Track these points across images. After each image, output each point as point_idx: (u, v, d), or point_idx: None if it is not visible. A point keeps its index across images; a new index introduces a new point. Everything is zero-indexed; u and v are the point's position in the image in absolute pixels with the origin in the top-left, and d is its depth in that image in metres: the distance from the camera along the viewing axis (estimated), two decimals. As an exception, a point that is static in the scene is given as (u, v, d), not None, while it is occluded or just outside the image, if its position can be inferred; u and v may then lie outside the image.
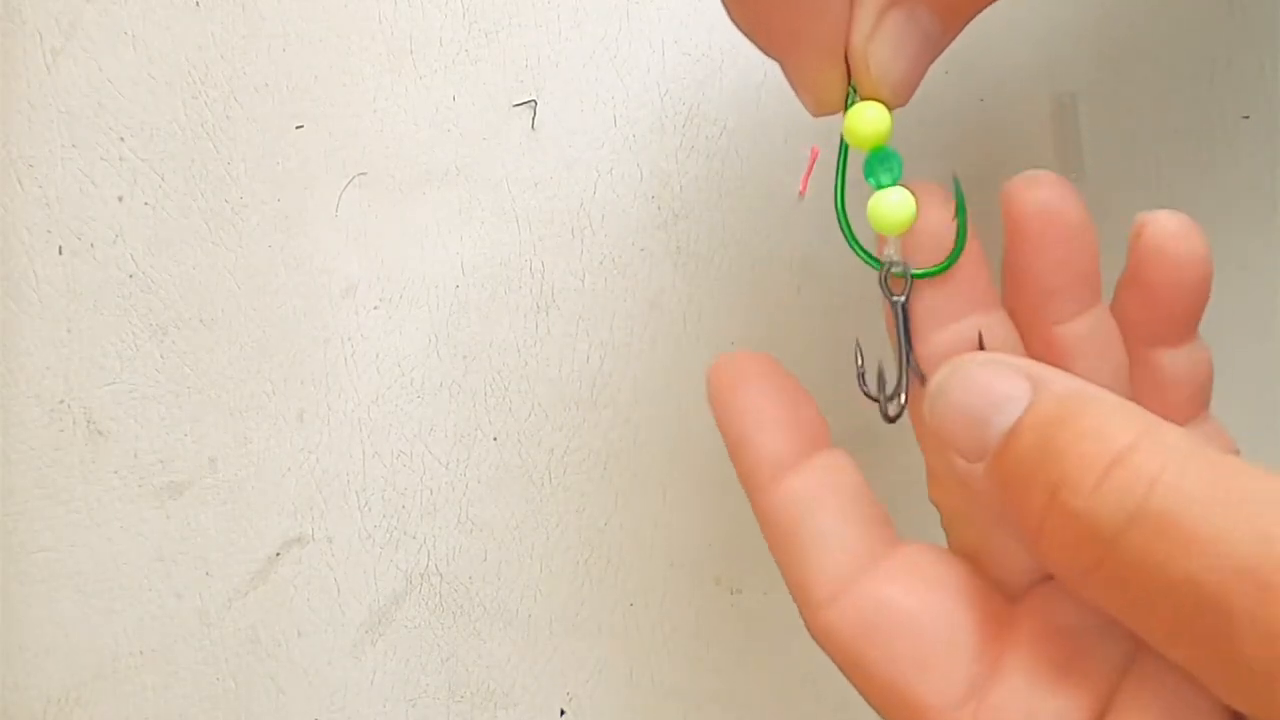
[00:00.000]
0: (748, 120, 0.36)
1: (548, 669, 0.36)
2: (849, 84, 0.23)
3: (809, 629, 0.22)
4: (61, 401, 0.37)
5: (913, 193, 0.23)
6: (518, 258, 0.37)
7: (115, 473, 0.37)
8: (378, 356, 0.37)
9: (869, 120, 0.23)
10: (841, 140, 0.23)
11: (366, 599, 0.37)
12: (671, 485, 0.36)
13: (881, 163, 0.23)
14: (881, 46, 0.22)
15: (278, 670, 0.37)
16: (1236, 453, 0.23)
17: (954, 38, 0.23)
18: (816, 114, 0.24)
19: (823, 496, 0.22)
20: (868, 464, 0.23)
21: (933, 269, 0.22)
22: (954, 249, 0.22)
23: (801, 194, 0.36)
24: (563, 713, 0.36)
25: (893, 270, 0.23)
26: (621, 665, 0.36)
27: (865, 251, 0.23)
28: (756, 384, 0.23)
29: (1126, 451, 0.17)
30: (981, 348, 0.22)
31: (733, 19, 0.23)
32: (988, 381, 0.20)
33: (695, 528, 0.36)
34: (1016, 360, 0.20)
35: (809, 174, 0.36)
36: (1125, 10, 0.36)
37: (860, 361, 0.25)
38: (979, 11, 0.23)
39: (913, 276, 0.22)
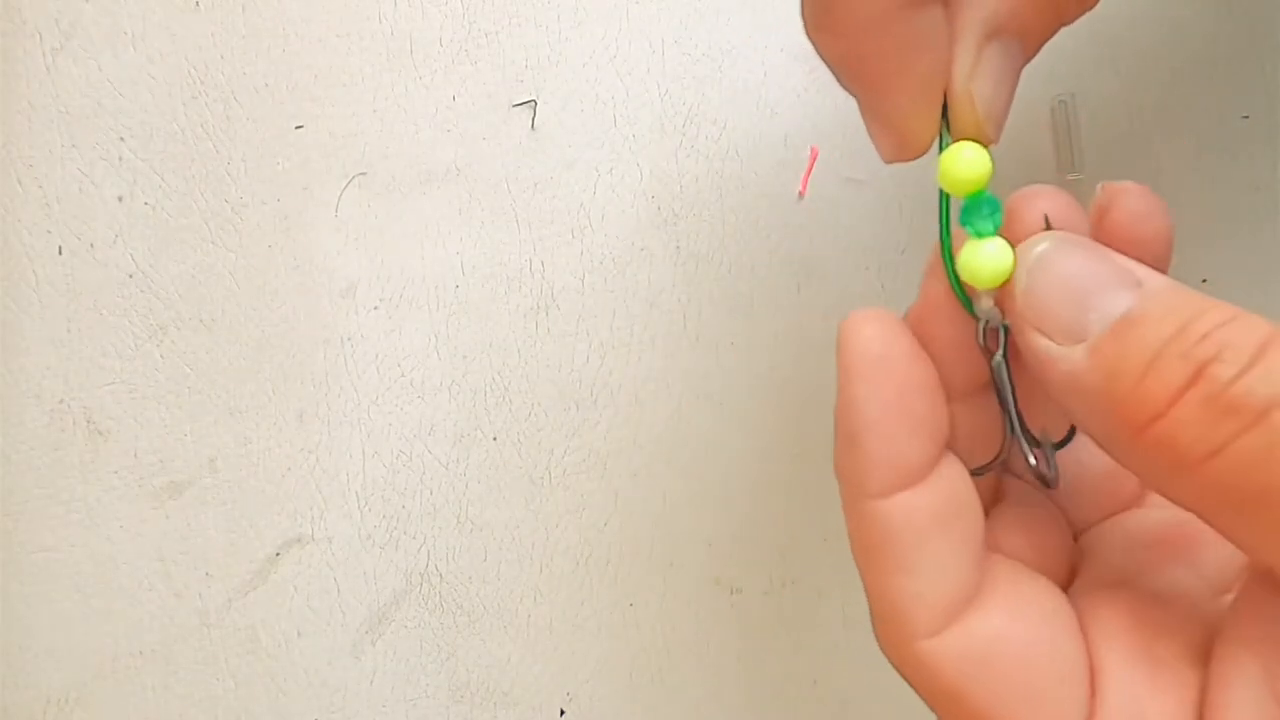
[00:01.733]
0: (748, 120, 0.36)
1: (548, 669, 0.36)
2: (942, 123, 0.21)
3: (897, 656, 0.20)
4: (61, 401, 0.37)
5: (1010, 243, 0.21)
6: (518, 258, 0.37)
7: (115, 473, 0.37)
8: (378, 356, 0.37)
9: (969, 164, 0.21)
10: (943, 193, 0.22)
11: (366, 599, 0.37)
12: (671, 485, 0.36)
13: (981, 209, 0.21)
14: (985, 82, 0.21)
15: (278, 670, 0.37)
16: None
17: (1030, 60, 0.22)
18: (898, 159, 0.22)
19: (945, 519, 0.20)
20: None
21: (1003, 328, 0.21)
22: None
23: (801, 194, 0.36)
24: (563, 713, 0.36)
25: (989, 324, 0.21)
26: (621, 665, 0.36)
27: (968, 301, 0.21)
28: (900, 367, 0.20)
29: (1269, 340, 0.16)
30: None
31: (818, 49, 0.21)
32: (1090, 262, 0.19)
33: (695, 528, 0.36)
34: (1107, 249, 0.19)
35: (809, 174, 0.36)
36: (1125, 10, 0.36)
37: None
38: (1054, 34, 0.22)
39: (1006, 324, 0.21)
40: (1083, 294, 0.18)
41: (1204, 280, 0.35)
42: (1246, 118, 0.35)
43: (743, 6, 0.36)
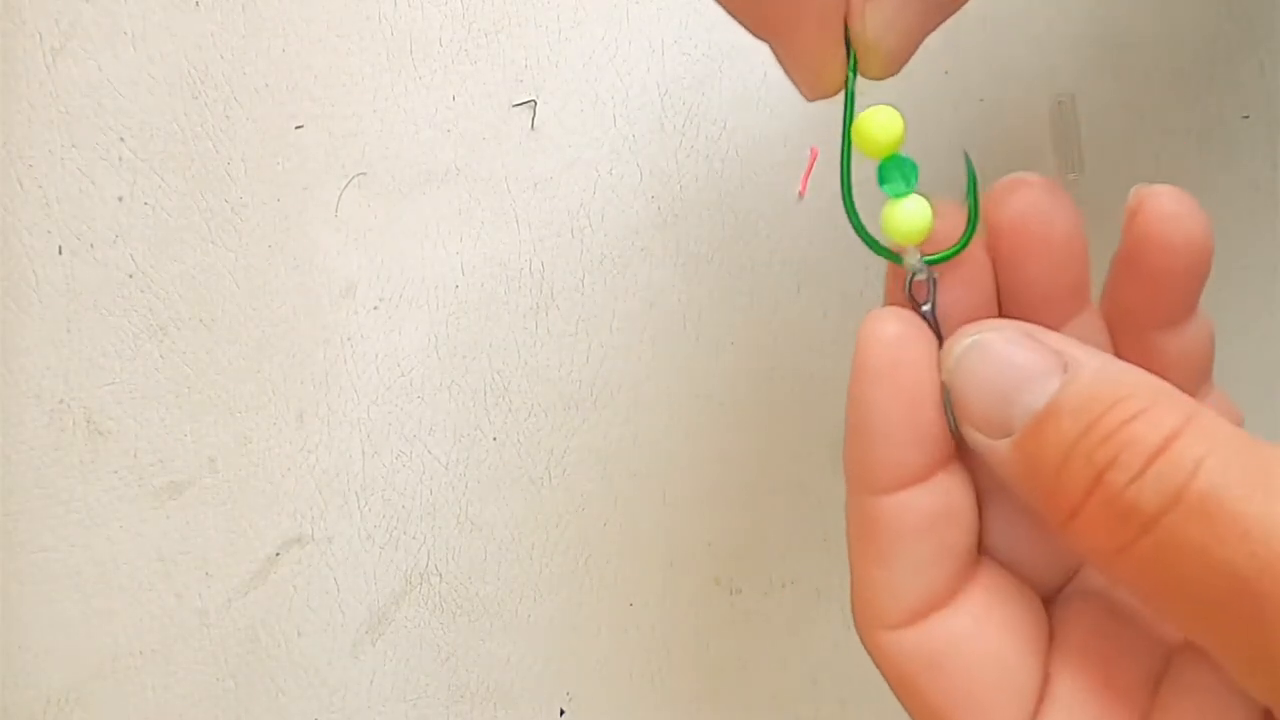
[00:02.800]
0: (748, 120, 0.36)
1: (548, 669, 0.36)
2: (850, 61, 0.21)
3: (862, 637, 0.21)
4: (61, 401, 0.37)
5: (928, 199, 0.21)
6: (518, 258, 0.37)
7: (115, 473, 0.37)
8: (378, 356, 0.37)
9: (881, 127, 0.21)
10: (844, 141, 0.22)
11: (366, 599, 0.37)
12: (671, 485, 0.36)
13: (896, 169, 0.21)
14: (880, 7, 0.20)
15: (278, 670, 0.37)
16: (1241, 423, 0.23)
17: (959, 7, 0.22)
18: (812, 97, 0.22)
19: (932, 526, 0.20)
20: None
21: (947, 252, 0.21)
22: (966, 230, 0.21)
23: (801, 194, 0.36)
24: (562, 713, 0.36)
25: (916, 276, 0.21)
26: (621, 665, 0.36)
27: (884, 249, 0.22)
28: (915, 372, 0.20)
29: (1173, 435, 0.16)
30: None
31: (723, 3, 0.21)
32: (1014, 355, 0.19)
33: (695, 528, 0.36)
34: (1041, 332, 0.19)
35: (809, 174, 0.36)
36: (1125, 11, 0.36)
37: None
38: None
39: (934, 275, 0.21)
40: (1005, 390, 0.19)
41: (1204, 280, 0.35)
42: (1246, 118, 0.35)
43: (743, 6, 0.36)
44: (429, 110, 0.37)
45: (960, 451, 0.21)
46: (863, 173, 0.22)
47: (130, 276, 0.37)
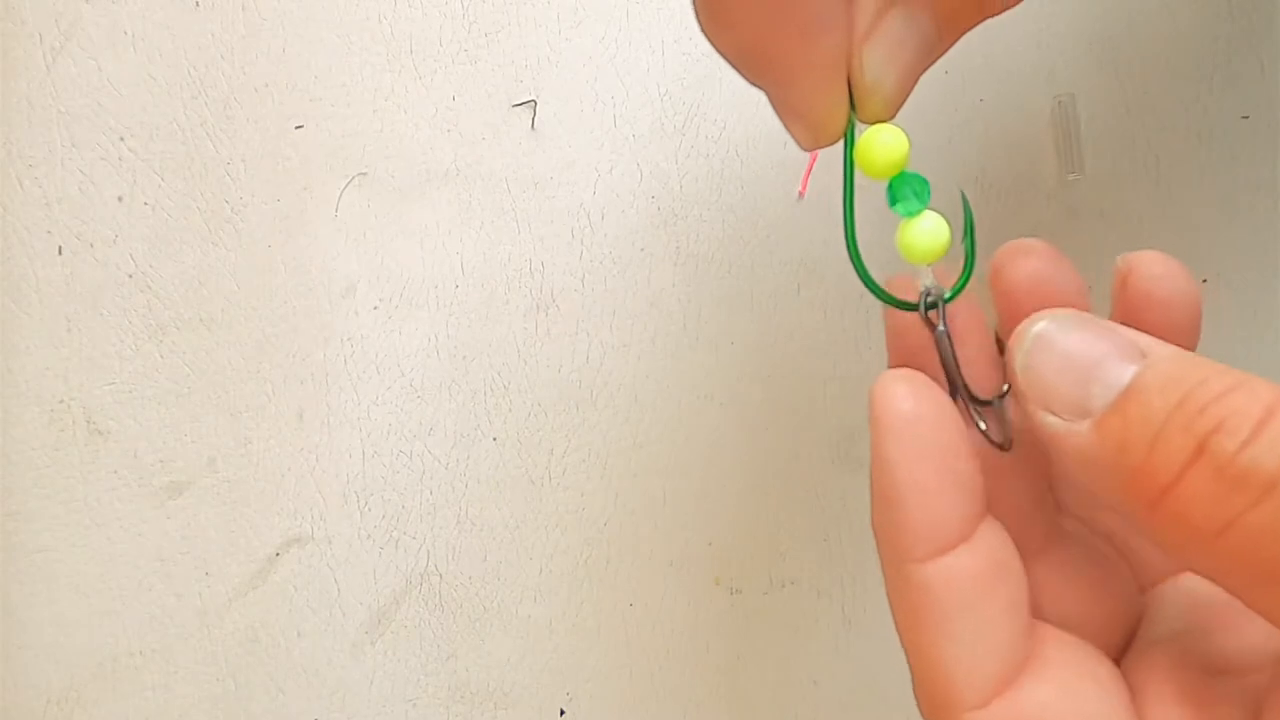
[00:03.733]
0: (748, 120, 0.36)
1: (548, 669, 0.36)
2: (851, 109, 0.21)
3: None
4: (61, 401, 0.37)
5: (942, 214, 0.21)
6: (518, 258, 0.37)
7: (115, 473, 0.37)
8: (378, 356, 0.37)
9: (886, 146, 0.20)
10: (847, 171, 0.21)
11: (366, 599, 0.37)
12: (671, 485, 0.36)
13: (907, 189, 0.21)
14: (876, 48, 0.20)
15: (278, 670, 0.37)
16: None
17: (949, 48, 0.22)
18: (812, 147, 0.22)
19: (989, 583, 0.19)
20: (866, 460, 0.23)
21: (950, 292, 0.21)
22: (963, 272, 0.21)
23: (801, 194, 0.36)
24: (562, 713, 0.36)
25: (929, 300, 0.21)
26: (621, 665, 0.36)
27: (888, 295, 0.21)
28: (934, 430, 0.19)
29: (1274, 405, 0.16)
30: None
31: (713, 45, 0.20)
32: (1091, 336, 0.18)
33: (695, 528, 0.36)
34: (1108, 322, 0.19)
35: (808, 174, 0.36)
36: (1125, 11, 0.36)
37: None
38: (979, 23, 0.22)
39: (944, 296, 0.21)
40: (1084, 369, 0.18)
41: (1204, 280, 0.35)
42: (1246, 118, 0.35)
43: (743, 6, 0.36)
44: (429, 110, 0.37)
45: (993, 507, 0.20)
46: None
47: (130, 276, 0.37)
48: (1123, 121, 0.36)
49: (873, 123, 0.21)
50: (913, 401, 0.19)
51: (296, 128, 0.37)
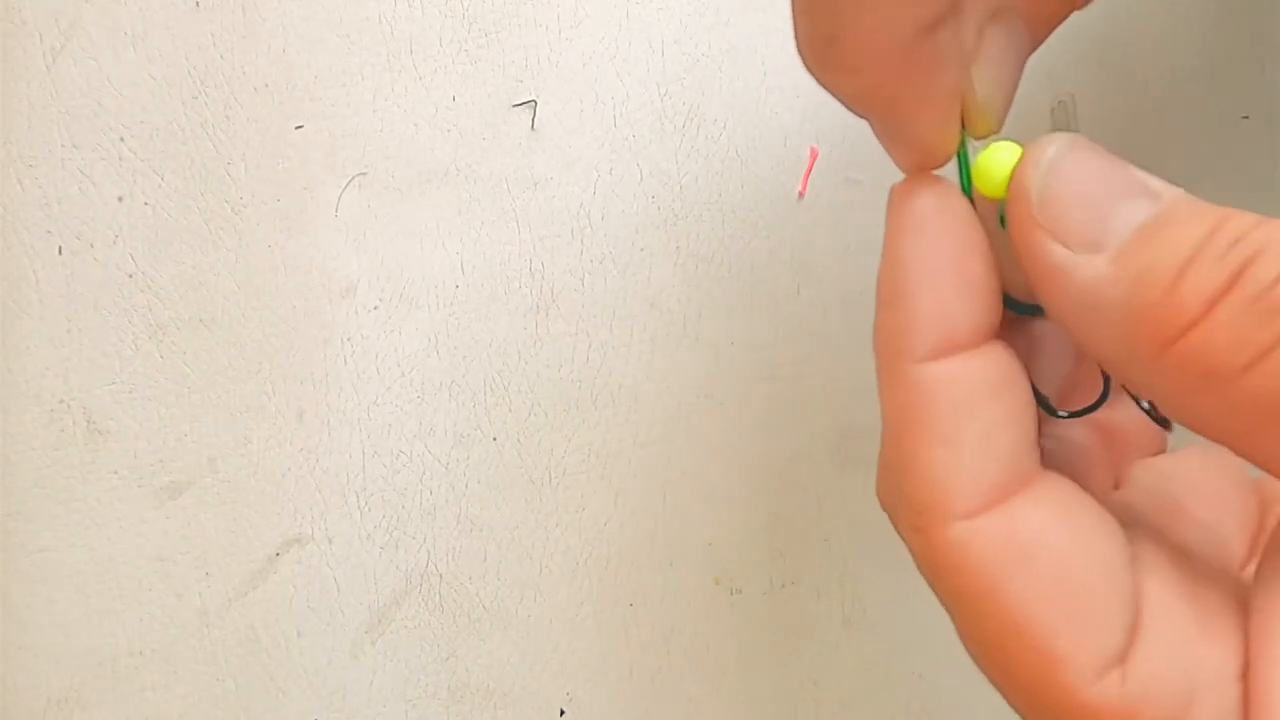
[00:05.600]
0: (748, 120, 0.36)
1: (548, 669, 0.36)
2: (962, 126, 0.20)
3: (926, 542, 0.18)
4: (61, 401, 0.37)
5: None
6: (518, 258, 0.37)
7: (115, 473, 0.37)
8: (377, 356, 0.37)
9: (1006, 165, 0.20)
10: (964, 189, 0.21)
11: (366, 599, 0.37)
12: (671, 485, 0.36)
13: None
14: (984, 67, 0.19)
15: (278, 670, 0.37)
16: None
17: (1036, 49, 0.21)
18: (922, 169, 0.20)
19: (999, 389, 0.18)
20: (866, 460, 0.23)
21: None
22: None
23: (801, 194, 0.36)
24: (562, 713, 0.36)
25: None
26: (621, 665, 0.36)
27: (1017, 304, 0.20)
28: (957, 226, 0.18)
29: None
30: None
31: (827, 88, 0.19)
32: (1110, 165, 0.17)
33: (695, 528, 0.36)
34: (1117, 158, 0.18)
35: (809, 174, 0.36)
36: (1125, 11, 0.36)
37: (1040, 392, 0.21)
38: (1064, 20, 0.21)
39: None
40: (1102, 199, 0.17)
41: (1204, 280, 0.35)
42: (1246, 118, 0.35)
43: (743, 7, 0.36)
44: (429, 110, 0.37)
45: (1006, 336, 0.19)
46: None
47: (130, 276, 0.37)
48: (1123, 121, 0.36)
49: (982, 137, 0.21)
50: (935, 198, 0.18)
51: (296, 128, 0.37)
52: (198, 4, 0.37)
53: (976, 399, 0.18)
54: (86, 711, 0.37)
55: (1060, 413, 0.21)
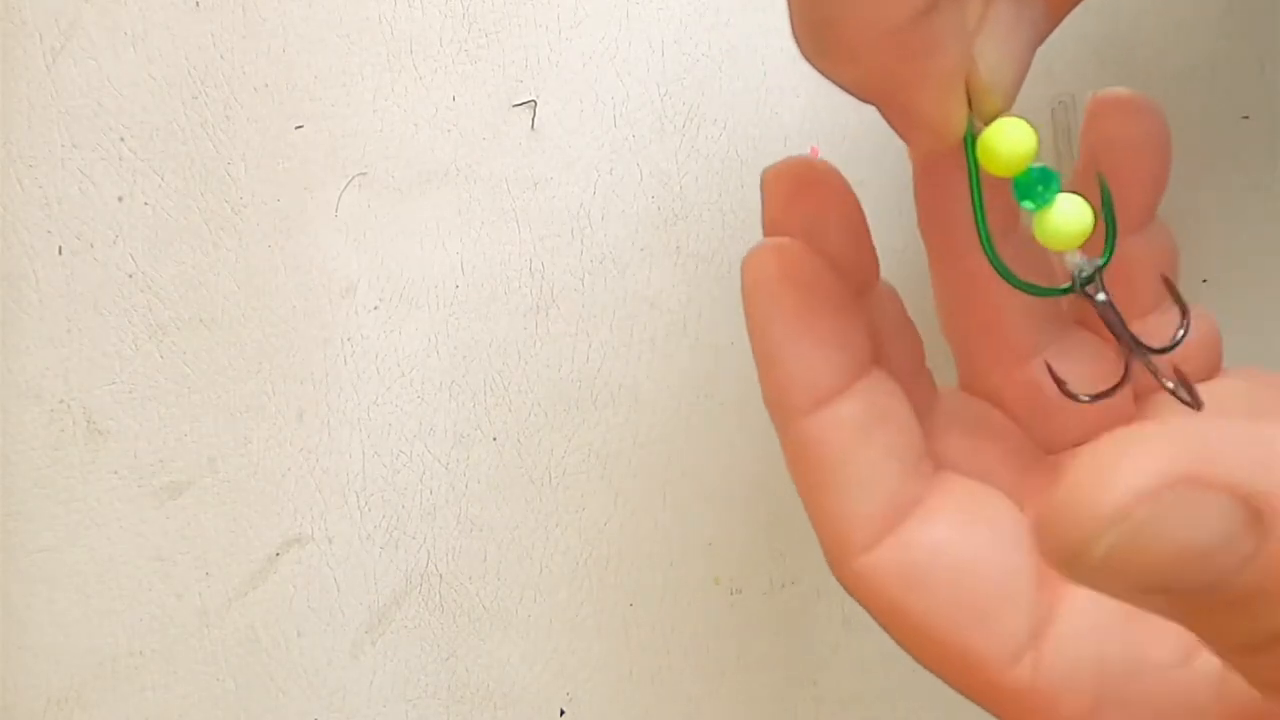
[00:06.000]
0: (748, 120, 0.36)
1: (548, 669, 0.36)
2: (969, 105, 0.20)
3: (840, 576, 0.20)
4: (61, 401, 0.37)
5: (1078, 193, 0.20)
6: (518, 258, 0.37)
7: (115, 473, 0.37)
8: (377, 356, 0.37)
9: (1014, 142, 0.20)
10: (972, 170, 0.20)
11: (366, 599, 0.37)
12: (671, 485, 0.36)
13: (1036, 184, 0.20)
14: (988, 42, 0.19)
15: (278, 670, 0.37)
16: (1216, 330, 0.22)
17: (1056, 25, 0.21)
18: (934, 148, 0.21)
19: (869, 428, 0.19)
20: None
21: (1102, 262, 0.21)
22: (1106, 248, 0.21)
23: (801, 194, 0.36)
24: (562, 713, 0.36)
25: (1082, 274, 0.20)
26: (621, 665, 0.36)
27: (1036, 287, 0.21)
28: (803, 288, 0.19)
29: None
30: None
31: (829, 76, 0.19)
32: (1205, 508, 0.12)
33: (695, 528, 0.36)
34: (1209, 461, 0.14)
35: (809, 174, 0.36)
36: (1125, 11, 0.36)
37: (1059, 377, 0.22)
38: None
39: (1099, 266, 0.20)
40: (1203, 550, 0.13)
41: (1204, 280, 0.35)
42: (1246, 118, 0.35)
43: (743, 7, 0.36)
44: (429, 110, 0.37)
45: (883, 362, 0.20)
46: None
47: (130, 276, 0.37)
48: (1123, 121, 0.36)
49: (991, 118, 0.20)
50: (777, 265, 0.19)
51: (296, 128, 0.37)
52: (198, 4, 0.37)
53: (852, 442, 0.19)
54: (86, 711, 0.37)
55: (1082, 396, 0.21)
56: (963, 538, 0.19)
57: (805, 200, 0.21)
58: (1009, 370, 0.23)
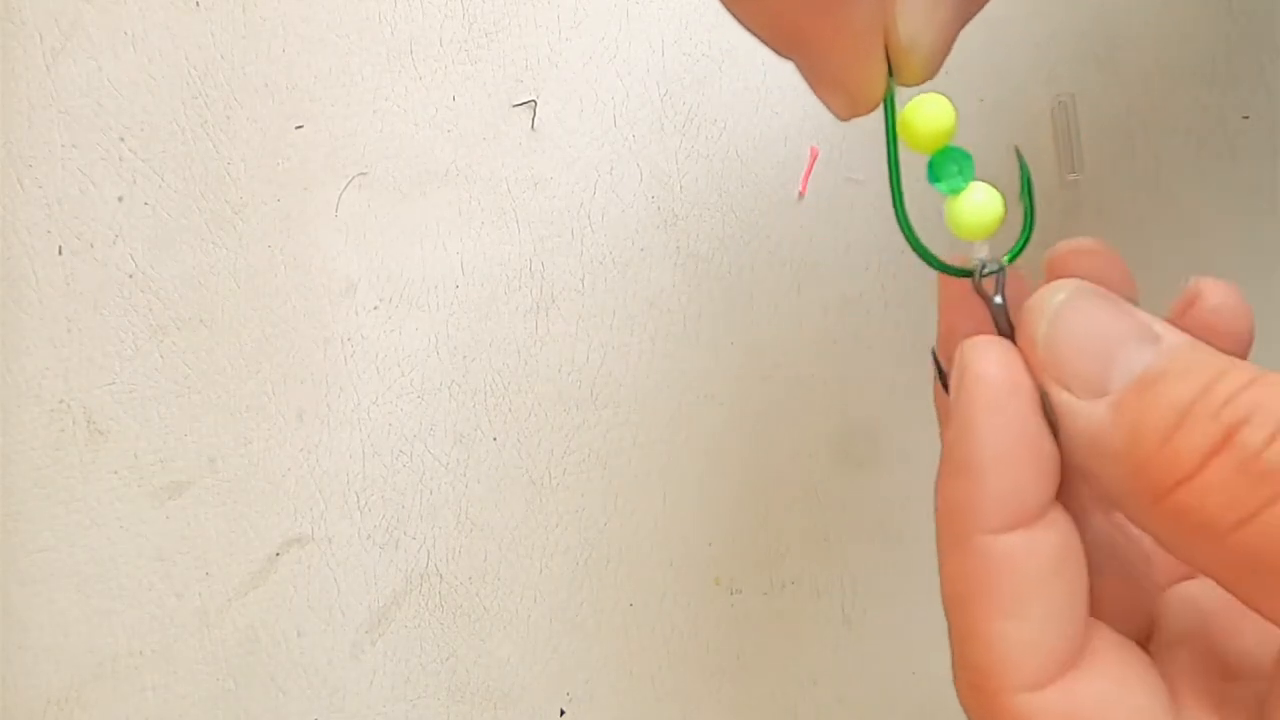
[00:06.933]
0: (748, 120, 0.36)
1: (548, 669, 0.36)
2: (889, 73, 0.19)
3: (979, 703, 0.18)
4: (61, 401, 0.37)
5: (993, 184, 0.20)
6: (518, 258, 0.37)
7: (115, 473, 0.37)
8: (378, 356, 0.37)
9: (930, 117, 0.19)
10: (890, 140, 0.20)
11: (366, 599, 0.37)
12: (671, 485, 0.36)
13: (952, 163, 0.20)
14: (910, 6, 0.19)
15: (278, 670, 0.37)
16: None
17: (982, 7, 0.21)
18: (849, 116, 0.20)
19: (1063, 561, 0.18)
20: (866, 460, 0.23)
21: (1013, 250, 0.20)
22: (1023, 234, 0.20)
23: (801, 194, 0.36)
24: (563, 713, 0.36)
25: (985, 271, 0.20)
26: (621, 665, 0.36)
27: (945, 265, 0.20)
28: (1028, 403, 0.18)
29: None
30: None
31: (739, 18, 0.19)
32: (1111, 313, 0.18)
33: (695, 528, 0.36)
34: (1124, 301, 0.18)
35: (809, 174, 0.36)
36: (1125, 11, 0.36)
37: (939, 367, 0.22)
38: None
39: (1003, 266, 0.20)
40: (1105, 346, 0.17)
41: (1204, 280, 0.35)
42: (1246, 118, 0.35)
43: (743, 6, 0.36)
44: (429, 110, 0.37)
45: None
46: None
47: (130, 276, 0.37)
48: (1123, 121, 0.36)
49: (912, 85, 0.20)
50: (1007, 370, 0.18)
51: (296, 128, 0.37)
52: (198, 4, 0.37)
53: (1044, 573, 0.18)
54: (86, 711, 0.37)
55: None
56: (1126, 694, 0.18)
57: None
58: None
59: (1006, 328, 0.20)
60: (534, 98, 0.37)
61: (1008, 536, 0.18)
